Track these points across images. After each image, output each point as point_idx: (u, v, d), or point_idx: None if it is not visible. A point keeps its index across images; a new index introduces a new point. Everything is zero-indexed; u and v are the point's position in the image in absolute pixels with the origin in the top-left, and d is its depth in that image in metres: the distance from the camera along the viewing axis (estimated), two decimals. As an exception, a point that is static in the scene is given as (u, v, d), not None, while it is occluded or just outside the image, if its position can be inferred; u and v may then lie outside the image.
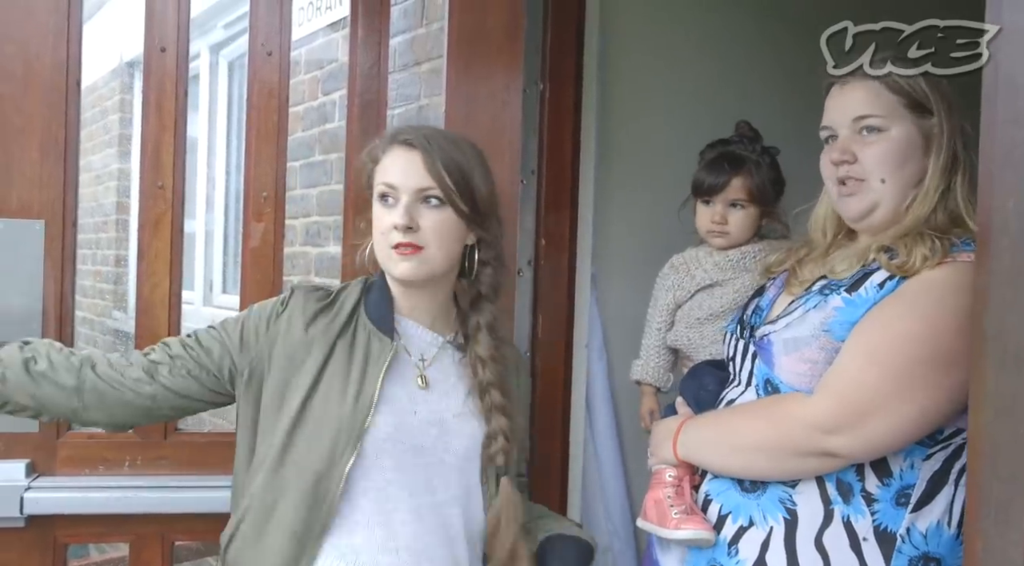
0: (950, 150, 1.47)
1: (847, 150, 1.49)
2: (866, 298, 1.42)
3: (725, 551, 1.47)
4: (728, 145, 1.90)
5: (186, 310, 2.11)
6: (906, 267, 1.40)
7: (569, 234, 2.16)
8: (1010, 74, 0.94)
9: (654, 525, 1.55)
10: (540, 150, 2.11)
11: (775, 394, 1.49)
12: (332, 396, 1.47)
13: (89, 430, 1.88)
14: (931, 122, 1.47)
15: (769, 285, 1.67)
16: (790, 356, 1.47)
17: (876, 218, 1.50)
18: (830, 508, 1.42)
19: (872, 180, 1.48)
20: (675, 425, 1.60)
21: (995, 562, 0.93)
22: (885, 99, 1.47)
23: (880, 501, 1.41)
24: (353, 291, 1.57)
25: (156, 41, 1.96)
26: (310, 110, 3.44)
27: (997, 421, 0.93)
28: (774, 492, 1.46)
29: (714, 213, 1.88)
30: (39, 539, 1.87)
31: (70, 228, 1.91)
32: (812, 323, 1.46)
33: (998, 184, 0.95)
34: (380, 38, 2.17)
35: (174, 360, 1.51)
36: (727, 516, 1.49)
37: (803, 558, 1.42)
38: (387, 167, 1.53)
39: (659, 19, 2.41)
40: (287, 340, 1.50)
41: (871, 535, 1.41)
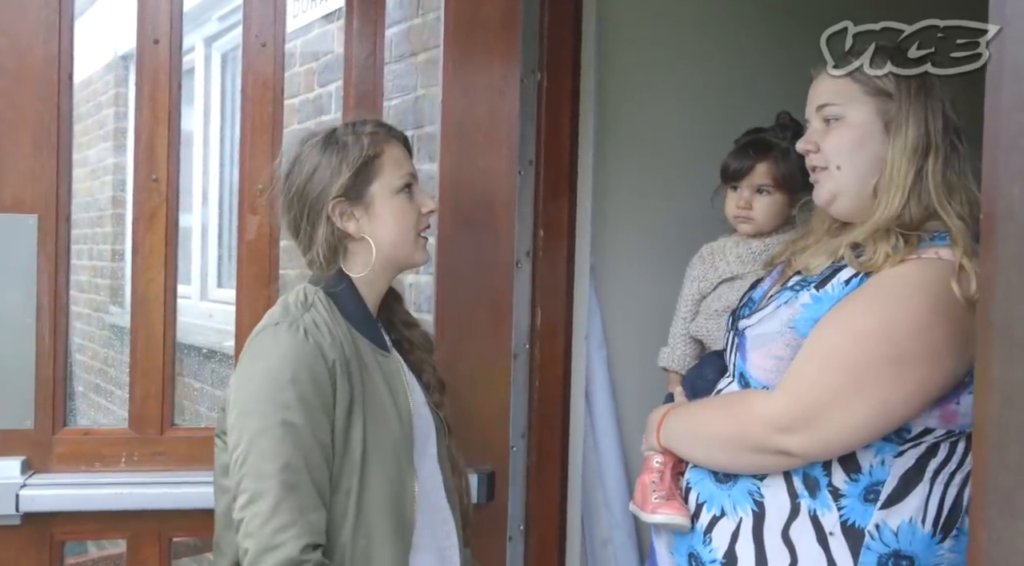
0: (916, 133, 1.43)
1: (810, 140, 1.51)
2: (831, 295, 1.42)
3: (701, 539, 1.49)
4: (761, 132, 1.91)
5: (183, 305, 2.10)
6: (869, 264, 1.39)
7: (568, 225, 2.16)
8: (1015, 61, 0.93)
9: (637, 508, 1.59)
10: (538, 140, 2.09)
11: (745, 388, 1.50)
12: (380, 427, 1.49)
13: (84, 426, 1.87)
14: (891, 105, 1.45)
15: (765, 278, 1.67)
16: (758, 351, 1.48)
17: (842, 205, 1.50)
18: (796, 501, 1.42)
19: (831, 168, 1.48)
20: (661, 413, 1.62)
21: (1001, 552, 0.92)
22: (845, 87, 1.47)
23: (847, 496, 1.40)
24: (320, 309, 1.51)
25: (149, 33, 1.94)
26: (306, 102, 3.42)
27: (1004, 410, 0.92)
28: (744, 484, 1.46)
29: (739, 198, 1.88)
30: (35, 536, 1.86)
31: (64, 222, 1.90)
32: (780, 319, 1.46)
33: (1003, 170, 0.94)
34: (376, 28, 2.15)
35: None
36: (703, 505, 1.51)
37: (770, 550, 1.43)
38: (399, 159, 1.57)
39: (657, 6, 2.40)
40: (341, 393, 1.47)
41: (838, 530, 1.40)
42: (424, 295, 2.56)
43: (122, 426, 2.01)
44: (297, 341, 1.44)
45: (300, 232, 1.57)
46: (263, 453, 1.38)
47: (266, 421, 1.39)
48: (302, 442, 1.39)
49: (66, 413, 1.96)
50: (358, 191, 1.54)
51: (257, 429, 1.39)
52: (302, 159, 1.56)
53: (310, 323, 1.47)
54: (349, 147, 1.54)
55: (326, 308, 1.51)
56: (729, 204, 1.90)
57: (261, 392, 1.42)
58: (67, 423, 1.94)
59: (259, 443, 1.38)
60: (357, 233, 1.55)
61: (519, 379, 2.10)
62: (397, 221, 1.56)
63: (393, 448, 1.51)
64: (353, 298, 1.55)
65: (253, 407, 1.41)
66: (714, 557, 1.47)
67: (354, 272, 1.56)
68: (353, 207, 1.54)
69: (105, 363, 5.64)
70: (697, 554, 1.50)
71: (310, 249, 1.56)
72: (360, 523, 1.45)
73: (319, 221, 1.54)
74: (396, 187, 1.56)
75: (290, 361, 1.42)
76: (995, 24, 0.95)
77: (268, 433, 1.38)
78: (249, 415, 1.41)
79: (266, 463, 1.37)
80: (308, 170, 1.54)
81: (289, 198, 1.57)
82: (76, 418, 5.47)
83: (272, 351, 1.44)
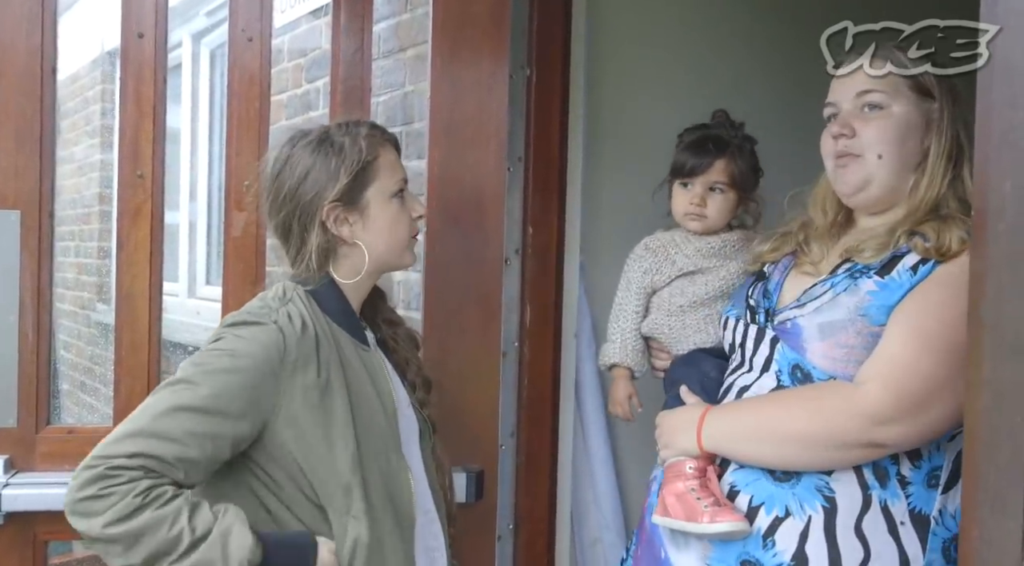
0: (953, 136, 1.47)
1: (847, 124, 1.49)
2: (900, 282, 1.41)
3: (760, 544, 1.43)
4: (709, 128, 1.87)
5: (170, 302, 2.09)
6: (943, 249, 1.40)
7: (557, 222, 2.15)
8: (1006, 57, 0.92)
9: (681, 521, 1.47)
10: (527, 136, 2.08)
11: (806, 380, 1.46)
12: (369, 422, 1.49)
13: (69, 424, 1.85)
14: (932, 106, 1.48)
15: (770, 270, 1.64)
16: (825, 341, 1.45)
17: (869, 194, 1.50)
18: (868, 493, 1.41)
19: (869, 155, 1.48)
20: (697, 415, 1.54)
21: (992, 551, 0.92)
22: (890, 77, 1.47)
23: (914, 483, 1.41)
24: (298, 303, 1.49)
25: (133, 27, 1.92)
26: (293, 98, 3.40)
27: (995, 409, 0.92)
28: (810, 480, 1.42)
29: (693, 196, 1.82)
30: (18, 536, 1.84)
31: (47, 219, 1.88)
32: (846, 307, 1.44)
33: (994, 166, 0.93)
34: (363, 24, 2.14)
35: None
36: (759, 507, 1.45)
37: (843, 546, 1.40)
38: (393, 164, 1.56)
39: (646, 3, 2.39)
40: (304, 384, 1.45)
41: (907, 518, 1.40)
42: (413, 292, 2.54)
43: (107, 424, 1.99)
44: (262, 336, 1.42)
45: (290, 235, 1.54)
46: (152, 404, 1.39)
47: (177, 389, 1.39)
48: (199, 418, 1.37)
49: (50, 411, 1.95)
50: (353, 196, 1.51)
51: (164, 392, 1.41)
52: (294, 160, 1.52)
53: (283, 316, 1.45)
54: (346, 151, 1.51)
55: (304, 303, 1.49)
56: (679, 201, 1.84)
57: (198, 368, 1.41)
58: (51, 421, 1.92)
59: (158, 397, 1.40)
60: (350, 238, 1.53)
61: (508, 377, 2.09)
62: (391, 226, 1.55)
63: (383, 442, 1.51)
64: (334, 296, 1.54)
65: (184, 377, 1.41)
66: (780, 561, 1.41)
67: (342, 276, 1.55)
68: (348, 212, 1.52)
69: (92, 361, 5.61)
70: (756, 560, 1.43)
71: (300, 252, 1.53)
72: (372, 519, 1.45)
73: (312, 225, 1.51)
74: (391, 192, 1.55)
75: (245, 352, 1.42)
76: (987, 22, 0.94)
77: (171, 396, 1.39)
78: (175, 383, 1.41)
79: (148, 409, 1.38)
80: (301, 172, 1.51)
81: (279, 199, 1.53)
82: (62, 416, 5.44)
83: (234, 344, 1.43)
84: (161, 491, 1.33)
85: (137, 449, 1.33)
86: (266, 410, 1.41)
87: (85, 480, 1.32)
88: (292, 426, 1.43)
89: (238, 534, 1.35)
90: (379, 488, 1.47)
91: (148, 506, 1.31)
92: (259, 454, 1.44)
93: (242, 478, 1.45)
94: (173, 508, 1.33)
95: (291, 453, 1.43)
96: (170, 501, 1.33)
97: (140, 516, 1.31)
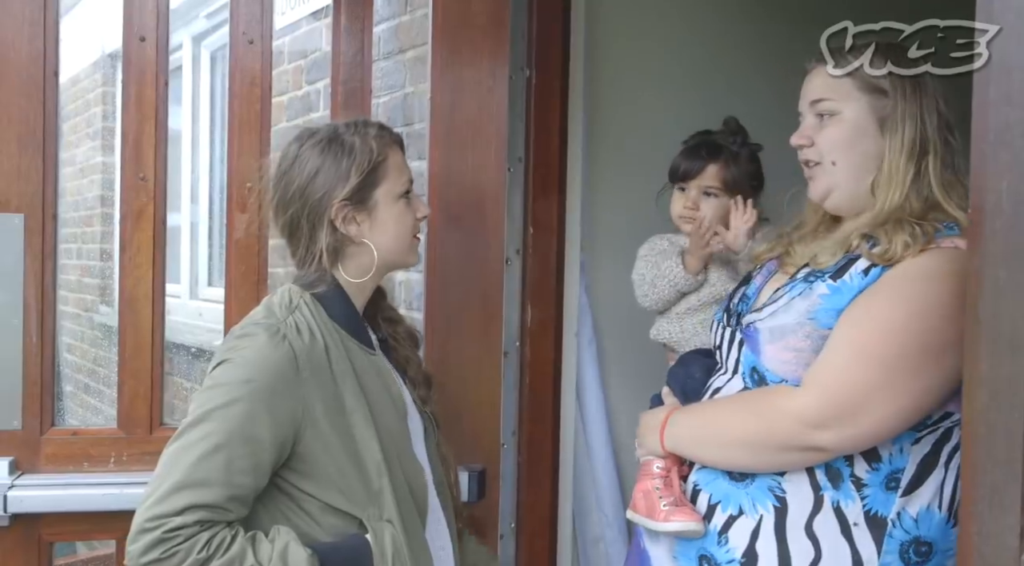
0: (914, 131, 1.46)
1: (804, 134, 1.52)
2: (851, 285, 1.42)
3: (715, 540, 1.47)
4: (711, 135, 1.91)
5: (172, 304, 2.09)
6: (888, 255, 1.40)
7: (557, 222, 2.15)
8: (1002, 56, 0.93)
9: (643, 517, 1.55)
10: (527, 137, 2.09)
11: (761, 383, 1.49)
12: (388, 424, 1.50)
13: (73, 426, 1.86)
14: (887, 102, 1.47)
15: (756, 273, 1.66)
16: (775, 344, 1.47)
17: (836, 200, 1.52)
18: (820, 494, 1.42)
19: (825, 162, 1.50)
20: (662, 416, 1.59)
21: (990, 546, 0.92)
22: (840, 83, 1.48)
23: (870, 486, 1.41)
24: (304, 312, 1.49)
25: (135, 30, 1.93)
26: (294, 100, 3.41)
27: (992, 405, 0.92)
28: (763, 481, 1.45)
29: (687, 199, 1.87)
30: (23, 538, 1.85)
31: (51, 221, 1.89)
32: (797, 311, 1.45)
33: (991, 165, 0.94)
34: (363, 25, 2.15)
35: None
36: (716, 505, 1.49)
37: (793, 545, 1.42)
38: (400, 164, 1.56)
39: (645, 4, 2.39)
40: (322, 395, 1.45)
41: (862, 520, 1.40)
42: (414, 293, 2.55)
43: (111, 426, 2.00)
44: (272, 352, 1.41)
45: (298, 234, 1.53)
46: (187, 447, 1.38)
47: (208, 429, 1.38)
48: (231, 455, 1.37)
49: (54, 413, 1.95)
50: (363, 196, 1.52)
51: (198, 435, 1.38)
52: (302, 158, 1.52)
53: (291, 327, 1.45)
54: (357, 150, 1.51)
55: (311, 310, 1.49)
56: (676, 204, 1.89)
57: (217, 402, 1.40)
58: (55, 423, 1.93)
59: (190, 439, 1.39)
60: (358, 237, 1.53)
61: (509, 377, 2.09)
62: (397, 226, 1.56)
63: (401, 443, 1.53)
64: (340, 300, 1.53)
65: (204, 414, 1.39)
66: (732, 557, 1.45)
67: (350, 276, 1.55)
68: (356, 212, 1.52)
69: (95, 363, 5.62)
70: (711, 556, 1.47)
71: (308, 251, 1.53)
72: (403, 520, 1.46)
73: (320, 224, 1.51)
74: (398, 192, 1.55)
75: (258, 372, 1.41)
76: (983, 20, 0.95)
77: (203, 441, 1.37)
78: (198, 423, 1.39)
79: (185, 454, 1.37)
80: (310, 170, 1.50)
81: (287, 197, 1.53)
82: (65, 418, 5.45)
83: (245, 361, 1.42)
84: (221, 539, 1.34)
85: (186, 503, 1.33)
86: (292, 423, 1.41)
87: (146, 546, 1.32)
88: (319, 438, 1.43)
89: (294, 551, 1.37)
90: (404, 489, 1.49)
91: (214, 557, 1.33)
92: (290, 473, 1.44)
93: (273, 503, 1.45)
94: (237, 550, 1.35)
95: (322, 466, 1.43)
96: (231, 544, 1.35)
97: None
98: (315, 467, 1.43)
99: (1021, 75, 0.91)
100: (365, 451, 1.45)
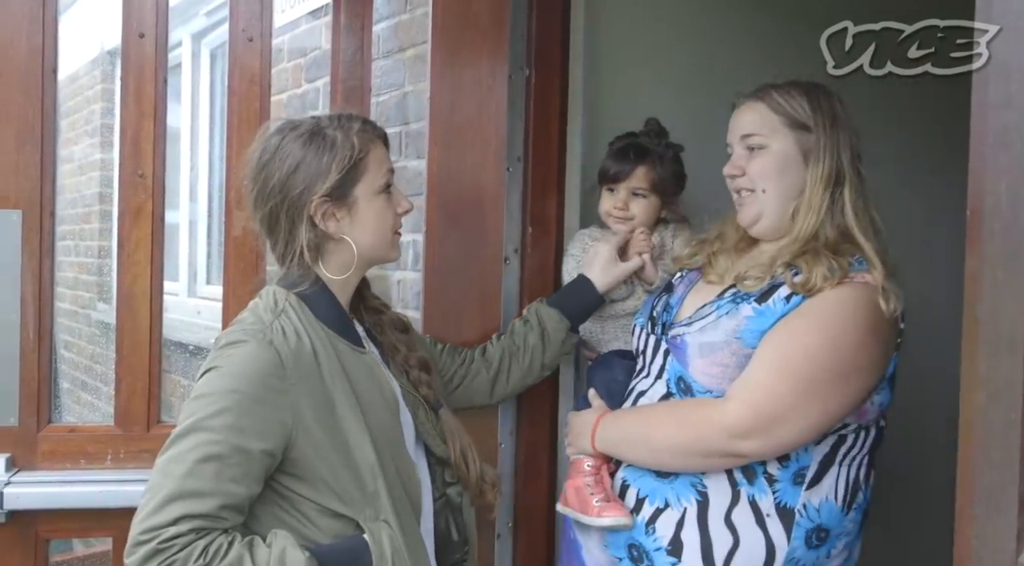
0: (832, 163, 1.62)
1: (736, 165, 1.68)
2: (774, 310, 1.57)
3: (643, 531, 1.62)
4: (636, 137, 1.96)
5: (171, 301, 2.09)
6: (809, 285, 1.55)
7: (556, 221, 2.15)
8: (1001, 57, 0.93)
9: (576, 512, 1.68)
10: (526, 136, 2.09)
11: (687, 391, 1.63)
12: (380, 423, 1.50)
13: (70, 423, 1.86)
14: (810, 137, 1.63)
15: (677, 283, 1.80)
16: (704, 359, 1.61)
17: (763, 225, 1.67)
18: (737, 489, 1.58)
19: (757, 190, 1.66)
20: (593, 419, 1.73)
21: (987, 548, 0.92)
22: (767, 119, 1.65)
23: (780, 481, 1.58)
24: (291, 315, 1.48)
25: (134, 27, 1.93)
26: (293, 98, 3.41)
27: (989, 406, 0.92)
28: (686, 478, 1.61)
29: (617, 200, 1.93)
30: (20, 535, 1.85)
31: (48, 218, 1.88)
32: (725, 329, 1.60)
33: (990, 167, 0.94)
34: (363, 24, 2.15)
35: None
36: (644, 499, 1.63)
37: (715, 534, 1.58)
38: (381, 159, 1.55)
39: (645, 3, 2.39)
40: (312, 400, 1.44)
41: (773, 511, 1.57)
42: (412, 291, 2.55)
43: (108, 423, 2.00)
44: (259, 359, 1.41)
45: (277, 229, 1.52)
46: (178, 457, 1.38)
47: (197, 440, 1.37)
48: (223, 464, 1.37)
49: (51, 410, 1.95)
50: (342, 192, 1.50)
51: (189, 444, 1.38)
52: (283, 151, 1.49)
53: (278, 332, 1.44)
54: (339, 145, 1.49)
55: (298, 313, 1.48)
56: (604, 203, 1.96)
57: (206, 412, 1.39)
58: (52, 420, 1.93)
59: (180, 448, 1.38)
60: (337, 234, 1.52)
61: (507, 376, 2.09)
62: (377, 222, 1.55)
63: (394, 441, 1.52)
64: (325, 299, 1.53)
65: (194, 424, 1.39)
66: (659, 545, 1.60)
67: (332, 273, 1.54)
68: (336, 208, 1.51)
69: (92, 360, 5.62)
70: (639, 545, 1.62)
71: (287, 248, 1.52)
72: (399, 519, 1.46)
73: (299, 219, 1.49)
74: (378, 188, 1.54)
75: (245, 381, 1.40)
76: (982, 22, 0.95)
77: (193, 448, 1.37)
78: (187, 433, 1.39)
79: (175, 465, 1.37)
80: (291, 164, 1.48)
81: (266, 191, 1.50)
82: (62, 415, 5.44)
83: (232, 369, 1.41)
84: (217, 545, 1.34)
85: (180, 513, 1.33)
86: (283, 430, 1.40)
87: (143, 557, 1.32)
88: (311, 443, 1.42)
89: (292, 555, 1.36)
90: (398, 489, 1.49)
91: (211, 564, 1.33)
92: (285, 477, 1.44)
93: (269, 507, 1.45)
94: (235, 556, 1.34)
95: (316, 469, 1.43)
96: (228, 551, 1.34)
97: None
98: (309, 471, 1.43)
99: (1020, 77, 0.91)
100: (358, 453, 1.45)
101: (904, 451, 1.98)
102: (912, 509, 2.43)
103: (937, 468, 1.64)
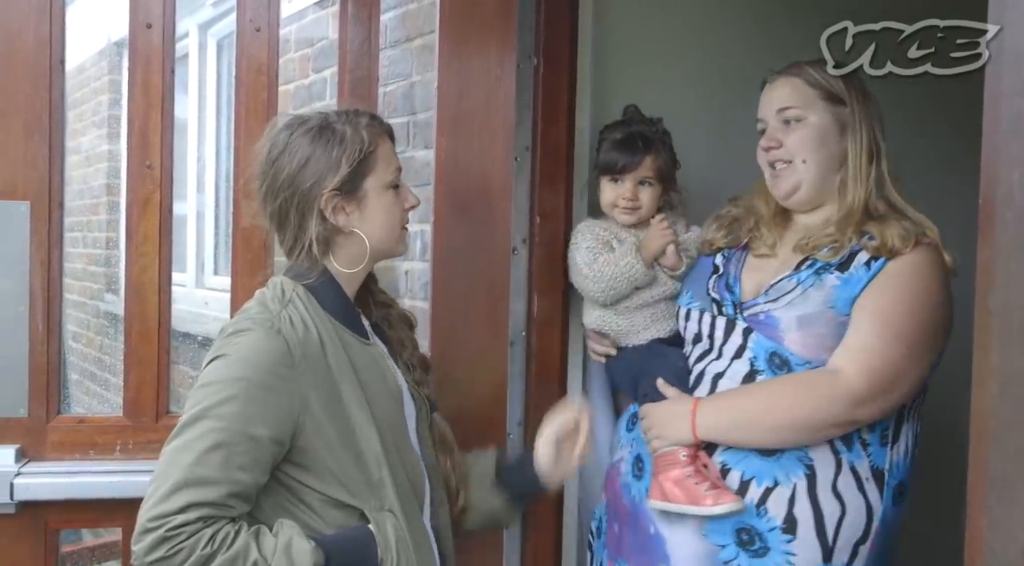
0: (870, 135, 1.69)
1: (773, 137, 1.72)
2: (858, 276, 1.62)
3: (754, 513, 1.62)
4: (631, 126, 1.95)
5: (179, 292, 2.10)
6: (888, 247, 1.62)
7: (564, 211, 2.14)
8: (1015, 45, 0.92)
9: (684, 504, 1.63)
10: (534, 126, 2.08)
11: (784, 366, 1.64)
12: (385, 413, 1.51)
13: (79, 414, 1.87)
14: (845, 110, 1.70)
15: (722, 263, 1.80)
16: (802, 331, 1.63)
17: (801, 195, 1.72)
18: (839, 457, 1.63)
19: (796, 161, 1.70)
20: (688, 407, 1.68)
21: (999, 540, 0.92)
22: (803, 92, 1.71)
23: (871, 444, 1.64)
24: (298, 305, 1.48)
25: (141, 17, 1.93)
26: (300, 88, 3.40)
27: (1002, 397, 0.92)
28: (792, 452, 1.62)
29: (624, 190, 1.91)
30: (30, 525, 1.86)
31: (56, 209, 1.89)
32: (815, 301, 1.63)
33: (1003, 155, 0.93)
34: (370, 13, 2.15)
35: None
36: (751, 480, 1.63)
37: (824, 505, 1.61)
38: (389, 154, 1.56)
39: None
40: (319, 389, 1.45)
41: (870, 475, 1.64)
42: (420, 282, 2.55)
43: (117, 414, 2.00)
44: (266, 347, 1.41)
45: (287, 223, 1.52)
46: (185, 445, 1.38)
47: (203, 428, 1.37)
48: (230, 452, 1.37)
49: (60, 401, 1.96)
50: (353, 185, 1.51)
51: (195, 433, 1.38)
52: (293, 146, 1.50)
53: (285, 321, 1.44)
54: (348, 140, 1.50)
55: (305, 303, 1.48)
56: (609, 195, 1.93)
57: (213, 400, 1.39)
58: (61, 411, 1.94)
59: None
60: (347, 227, 1.52)
61: (516, 366, 2.09)
62: (386, 216, 1.55)
63: (399, 431, 1.53)
64: (333, 291, 1.53)
65: (201, 412, 1.39)
66: (773, 525, 1.61)
67: (341, 266, 1.54)
68: (345, 202, 1.51)
69: (100, 351, 5.64)
70: (751, 527, 1.62)
71: (297, 241, 1.52)
72: (403, 508, 1.47)
73: (310, 214, 1.49)
74: (388, 182, 1.55)
75: (252, 369, 1.41)
76: (995, 12, 0.94)
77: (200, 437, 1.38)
78: (195, 421, 1.39)
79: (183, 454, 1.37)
80: (300, 159, 1.49)
81: (276, 186, 1.51)
82: (71, 406, 5.46)
83: (239, 357, 1.41)
84: (224, 534, 1.34)
85: (187, 501, 1.33)
86: (290, 418, 1.41)
87: (150, 545, 1.33)
88: (317, 431, 1.43)
89: (298, 545, 1.37)
90: (402, 477, 1.49)
91: (218, 552, 1.33)
92: (291, 467, 1.44)
93: (275, 497, 1.45)
94: (241, 544, 1.35)
95: (322, 459, 1.44)
96: (235, 539, 1.35)
97: (214, 563, 1.33)
98: (315, 461, 1.44)
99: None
100: (364, 443, 1.45)
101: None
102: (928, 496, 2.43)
103: (945, 461, 1.64)
